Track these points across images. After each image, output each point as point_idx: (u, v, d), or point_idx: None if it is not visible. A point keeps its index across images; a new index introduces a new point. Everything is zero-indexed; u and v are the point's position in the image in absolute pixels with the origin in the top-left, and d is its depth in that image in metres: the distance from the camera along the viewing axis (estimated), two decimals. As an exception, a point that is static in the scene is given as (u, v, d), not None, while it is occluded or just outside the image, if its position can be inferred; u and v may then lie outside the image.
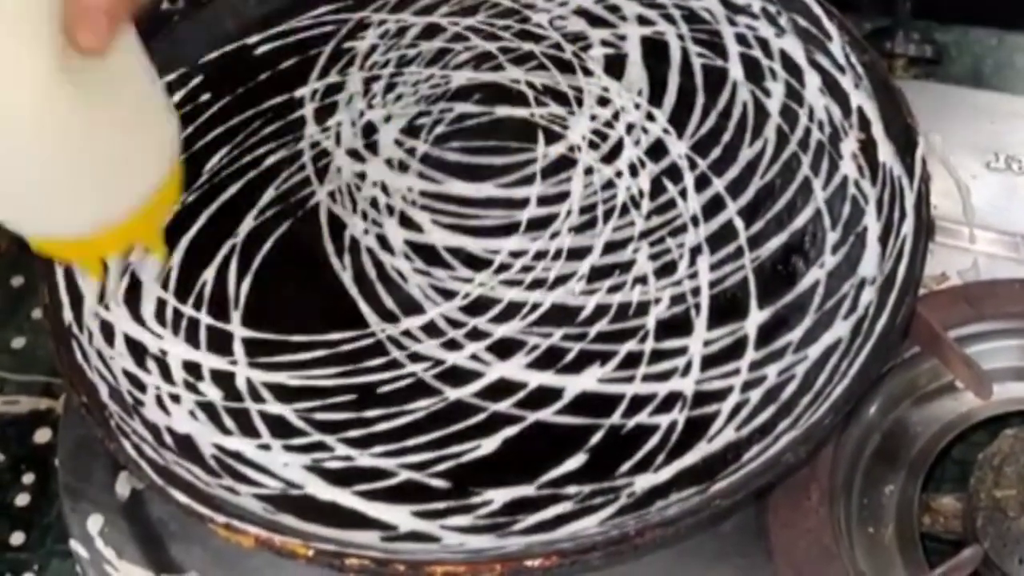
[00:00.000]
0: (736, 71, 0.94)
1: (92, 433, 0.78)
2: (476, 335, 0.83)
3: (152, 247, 0.77)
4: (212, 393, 0.81)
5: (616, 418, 0.78)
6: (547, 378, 0.81)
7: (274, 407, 0.80)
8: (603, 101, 0.94)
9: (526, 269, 0.86)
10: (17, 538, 0.89)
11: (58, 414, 0.93)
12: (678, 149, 0.91)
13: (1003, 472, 0.79)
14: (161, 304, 0.85)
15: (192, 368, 0.82)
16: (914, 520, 0.81)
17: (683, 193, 0.89)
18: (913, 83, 1.04)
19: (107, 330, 0.84)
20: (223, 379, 0.82)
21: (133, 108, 0.71)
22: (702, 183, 0.89)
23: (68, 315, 0.83)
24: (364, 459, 0.78)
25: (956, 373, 0.83)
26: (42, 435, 0.94)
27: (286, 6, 1.01)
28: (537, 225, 0.88)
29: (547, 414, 0.79)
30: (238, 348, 0.83)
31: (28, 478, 0.92)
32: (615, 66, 0.96)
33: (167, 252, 0.82)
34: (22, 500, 0.91)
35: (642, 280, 0.85)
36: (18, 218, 0.71)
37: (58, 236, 0.72)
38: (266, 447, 0.78)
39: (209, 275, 0.87)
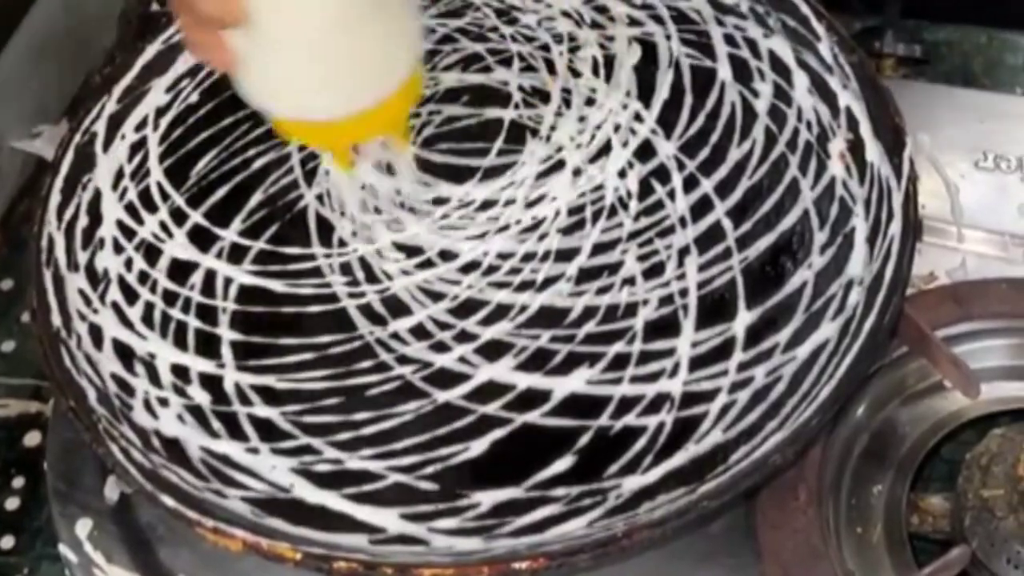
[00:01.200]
0: (724, 72, 0.94)
1: (80, 437, 0.78)
2: (464, 337, 0.83)
3: (398, 137, 0.87)
4: (200, 396, 0.81)
5: (604, 420, 0.78)
6: (535, 380, 0.81)
7: (262, 410, 0.80)
8: (591, 102, 0.94)
9: (514, 271, 0.86)
10: (7, 542, 0.89)
11: (47, 417, 0.92)
12: (666, 150, 0.91)
13: (991, 472, 0.79)
14: (149, 307, 0.85)
15: (180, 371, 0.82)
16: (902, 520, 0.81)
17: (671, 194, 0.88)
18: (902, 82, 1.04)
19: (95, 334, 0.84)
20: (211, 382, 0.82)
21: None
22: (690, 184, 0.89)
23: (56, 319, 0.83)
24: (352, 462, 0.78)
25: (944, 373, 0.83)
26: (32, 438, 0.94)
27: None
28: (525, 227, 0.88)
29: (535, 416, 0.79)
30: (226, 351, 0.83)
31: (18, 482, 0.92)
32: (603, 67, 0.96)
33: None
34: (12, 504, 0.91)
35: (630, 281, 0.85)
36: (280, 101, 0.79)
37: (314, 120, 0.80)
38: (254, 450, 0.78)
39: (197, 278, 0.87)
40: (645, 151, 0.91)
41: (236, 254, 0.88)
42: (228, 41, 0.75)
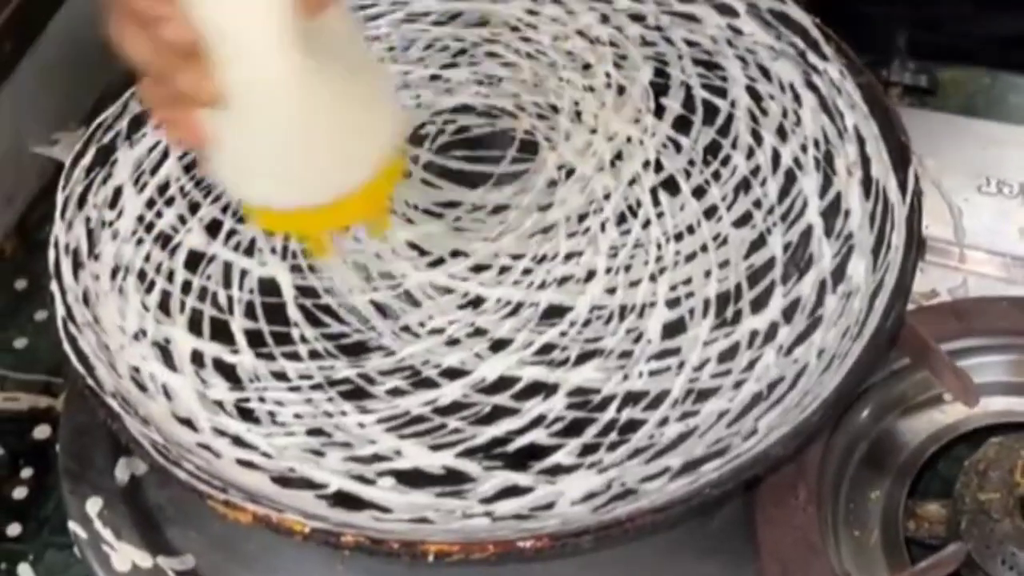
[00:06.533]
0: (735, 90, 0.95)
1: (95, 417, 0.79)
2: (475, 332, 0.85)
3: (378, 223, 0.83)
4: (214, 381, 0.82)
5: (610, 413, 0.80)
6: (544, 374, 0.82)
7: (275, 394, 0.82)
8: (603, 117, 0.95)
9: (526, 271, 0.88)
10: (14, 529, 0.91)
11: (57, 412, 0.94)
12: (676, 163, 0.92)
13: (988, 476, 0.80)
14: (166, 296, 0.87)
15: (195, 357, 0.84)
16: (899, 525, 0.82)
17: (680, 203, 0.90)
18: (908, 111, 1.05)
19: (113, 319, 0.85)
20: (226, 368, 0.83)
21: (362, 78, 0.74)
22: (699, 194, 0.91)
23: (75, 303, 0.84)
24: (362, 446, 0.79)
25: (944, 382, 0.84)
26: (41, 431, 0.95)
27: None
28: (536, 231, 0.90)
29: (543, 407, 0.80)
30: (241, 339, 0.85)
31: (26, 472, 0.93)
32: (616, 84, 0.97)
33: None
34: (20, 493, 0.92)
35: (637, 283, 0.86)
36: (252, 188, 0.75)
37: (287, 208, 0.75)
38: (266, 432, 0.80)
39: (214, 270, 0.89)
40: (655, 163, 0.93)
41: (252, 247, 0.90)
42: (202, 121, 0.71)
